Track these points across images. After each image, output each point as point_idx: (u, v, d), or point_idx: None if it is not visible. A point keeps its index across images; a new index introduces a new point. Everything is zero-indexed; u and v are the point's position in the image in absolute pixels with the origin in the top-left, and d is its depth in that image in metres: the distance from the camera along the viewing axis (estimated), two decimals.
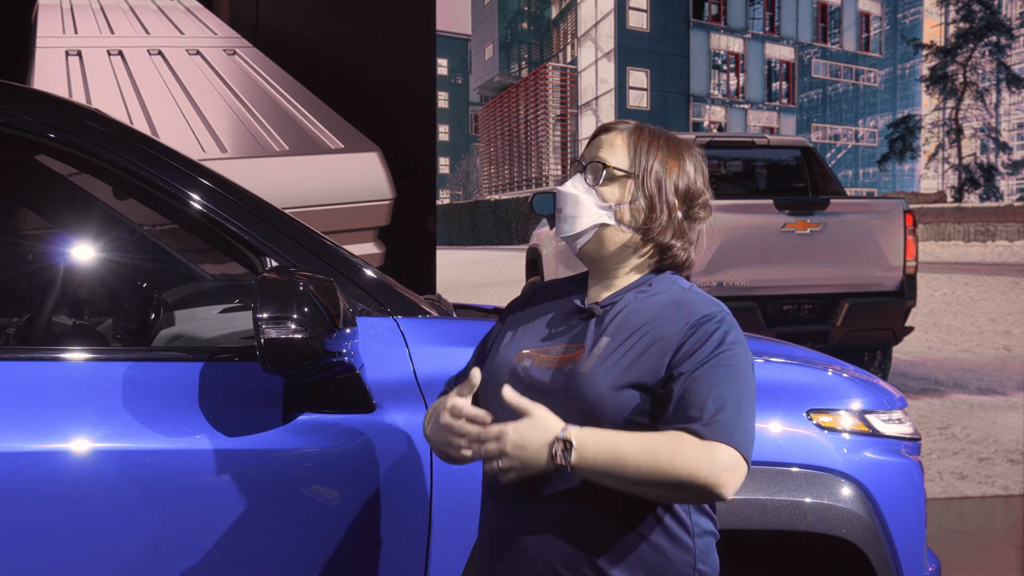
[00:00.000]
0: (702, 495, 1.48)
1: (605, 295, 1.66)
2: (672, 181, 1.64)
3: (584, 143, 1.91)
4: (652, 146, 1.65)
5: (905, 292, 7.55)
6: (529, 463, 1.47)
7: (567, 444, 1.46)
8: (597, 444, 1.47)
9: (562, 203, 1.65)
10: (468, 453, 1.54)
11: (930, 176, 50.31)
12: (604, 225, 1.63)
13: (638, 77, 48.04)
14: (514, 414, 1.55)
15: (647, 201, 1.63)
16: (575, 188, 1.64)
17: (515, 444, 1.47)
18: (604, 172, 1.63)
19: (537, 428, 1.48)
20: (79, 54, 6.10)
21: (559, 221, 1.67)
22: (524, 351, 1.66)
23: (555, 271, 9.14)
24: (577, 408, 1.54)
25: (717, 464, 1.46)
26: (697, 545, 1.59)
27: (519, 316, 1.74)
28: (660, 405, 1.54)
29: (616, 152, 1.65)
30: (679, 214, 1.65)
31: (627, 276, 1.67)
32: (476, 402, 1.71)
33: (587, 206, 1.63)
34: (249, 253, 2.05)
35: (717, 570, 1.63)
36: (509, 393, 1.51)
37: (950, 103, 43.86)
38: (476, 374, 1.59)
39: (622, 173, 1.63)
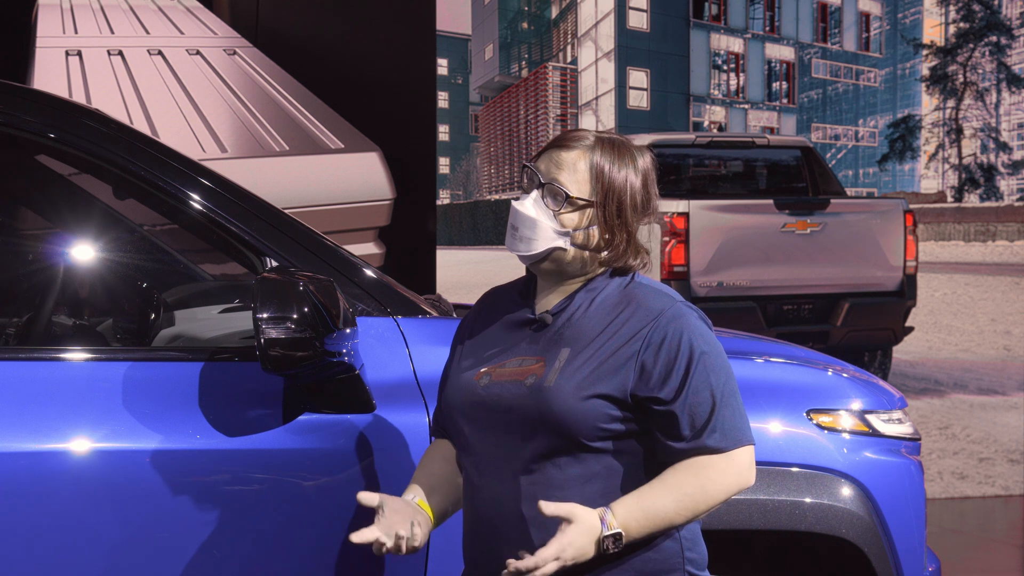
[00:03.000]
0: (735, 495, 1.56)
1: (556, 301, 1.64)
2: (633, 203, 1.60)
3: None
4: (614, 168, 1.58)
5: (905, 292, 7.56)
6: (582, 561, 1.48)
7: (616, 537, 1.47)
8: (637, 520, 1.49)
9: (517, 221, 1.59)
10: (418, 542, 1.55)
11: (930, 176, 50.36)
12: (560, 249, 1.60)
13: (638, 77, 48.01)
14: (480, 433, 1.57)
15: (607, 228, 1.59)
16: (534, 210, 1.58)
17: (575, 557, 1.46)
18: (566, 200, 1.57)
19: (585, 532, 1.46)
20: (79, 54, 6.10)
21: (511, 237, 1.61)
22: (482, 369, 1.63)
23: None
24: (546, 422, 1.53)
25: (741, 469, 1.54)
26: (683, 534, 1.60)
27: (470, 335, 1.72)
28: (639, 415, 1.54)
29: (578, 177, 1.58)
30: (636, 228, 1.62)
31: (579, 281, 1.64)
32: (445, 429, 1.72)
33: (544, 230, 1.58)
34: (249, 253, 2.05)
35: (705, 558, 1.64)
36: (545, 506, 1.47)
37: (950, 103, 43.89)
38: (369, 497, 1.56)
39: (584, 202, 1.58)
